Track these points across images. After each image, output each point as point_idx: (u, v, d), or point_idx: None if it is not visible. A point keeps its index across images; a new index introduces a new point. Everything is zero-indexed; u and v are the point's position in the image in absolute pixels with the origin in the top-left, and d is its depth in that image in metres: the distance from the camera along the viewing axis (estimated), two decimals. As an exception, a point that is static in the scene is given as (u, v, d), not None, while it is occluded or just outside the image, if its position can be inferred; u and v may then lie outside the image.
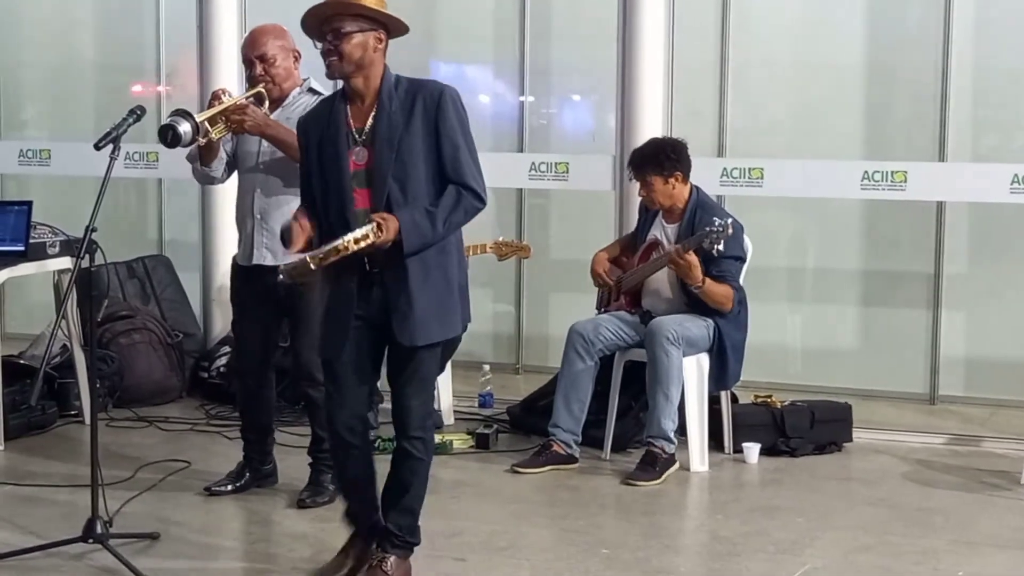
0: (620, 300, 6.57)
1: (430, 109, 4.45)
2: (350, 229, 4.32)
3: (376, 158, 4.45)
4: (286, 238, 4.57)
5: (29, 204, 6.81)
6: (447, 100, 4.46)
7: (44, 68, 8.89)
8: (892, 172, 6.93)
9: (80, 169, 6.58)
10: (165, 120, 5.34)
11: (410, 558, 4.72)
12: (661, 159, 6.40)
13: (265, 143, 5.60)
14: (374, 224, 4.30)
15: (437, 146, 4.44)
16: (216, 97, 5.56)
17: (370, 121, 4.48)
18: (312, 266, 4.28)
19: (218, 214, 7.49)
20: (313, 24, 4.45)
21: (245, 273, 5.79)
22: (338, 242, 4.27)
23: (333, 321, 4.60)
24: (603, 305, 6.67)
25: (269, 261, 5.64)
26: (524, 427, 6.91)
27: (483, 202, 4.51)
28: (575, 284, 7.34)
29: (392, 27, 4.50)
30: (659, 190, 6.40)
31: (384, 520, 4.71)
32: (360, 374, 4.61)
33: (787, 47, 7.83)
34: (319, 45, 4.46)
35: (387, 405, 4.87)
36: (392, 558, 4.64)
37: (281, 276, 4.42)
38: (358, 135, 4.50)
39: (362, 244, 4.28)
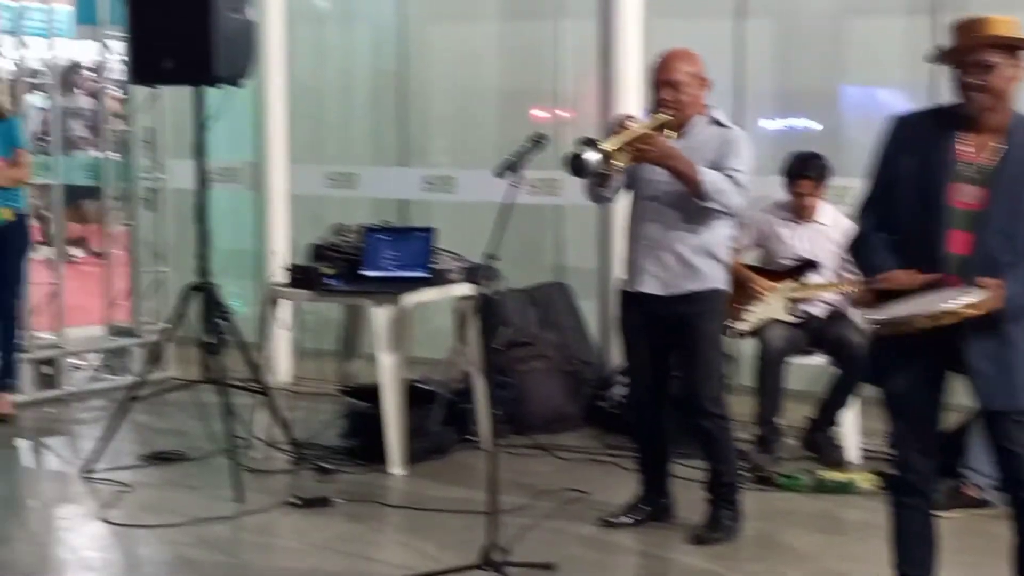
0: None
1: None
2: (936, 269, 4.14)
3: (993, 202, 4.16)
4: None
5: (432, 231, 7.06)
6: None
7: (449, 97, 9.19)
8: None
9: (482, 195, 6.76)
10: (572, 149, 5.35)
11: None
12: None
13: (664, 173, 5.55)
14: (984, 293, 4.05)
15: None
16: (621, 124, 5.55)
17: (993, 159, 4.18)
18: (917, 326, 4.07)
19: (617, 241, 7.51)
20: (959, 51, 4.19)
21: (632, 300, 5.79)
22: (948, 306, 4.03)
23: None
24: None
25: (657, 291, 5.65)
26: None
27: None
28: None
29: None
30: None
31: None
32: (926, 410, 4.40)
33: None
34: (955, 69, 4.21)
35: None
36: None
37: (876, 325, 4.29)
38: (971, 170, 4.20)
39: (968, 312, 4.04)
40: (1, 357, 7.80)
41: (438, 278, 6.95)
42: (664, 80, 5.58)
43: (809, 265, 6.92)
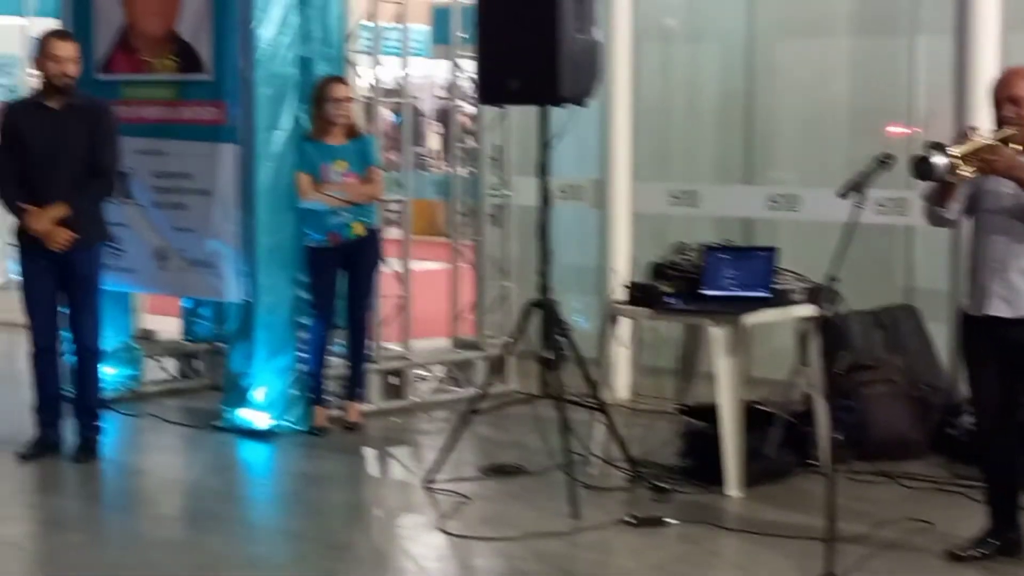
0: None
1: None
2: None
3: None
4: None
5: (775, 250, 7.00)
6: None
7: (797, 114, 9.10)
8: None
9: (828, 215, 6.66)
10: (919, 152, 5.28)
11: None
12: None
13: (1009, 189, 5.40)
14: None
15: None
16: (965, 134, 5.43)
17: None
18: None
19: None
20: None
21: (975, 324, 5.61)
22: None
23: None
24: None
25: (1005, 313, 5.46)
26: None
27: None
28: None
29: None
30: None
31: None
32: None
33: None
34: None
35: None
36: None
37: None
38: None
39: None
40: (351, 368, 8.14)
41: (780, 298, 6.89)
42: (1007, 96, 5.44)
43: None
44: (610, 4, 8.56)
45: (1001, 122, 5.46)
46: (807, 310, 6.87)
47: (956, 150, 5.29)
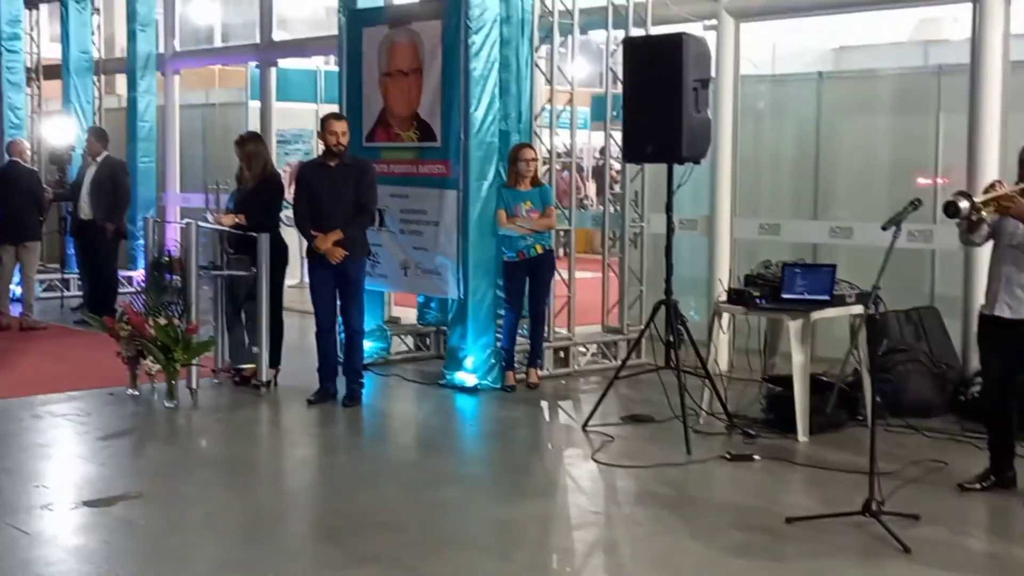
0: None
1: None
2: None
3: None
4: None
5: (834, 267, 6.88)
6: None
7: (851, 169, 8.88)
8: None
9: (874, 242, 6.49)
10: (951, 197, 5.17)
11: None
12: None
13: (1022, 226, 5.30)
14: None
15: None
16: (992, 187, 5.34)
17: None
18: None
19: (976, 277, 7.07)
20: None
21: (989, 321, 5.50)
22: None
23: None
24: None
25: (1008, 315, 5.37)
26: None
27: None
28: None
29: None
30: None
31: None
32: None
33: None
34: None
35: None
36: None
37: None
38: None
39: None
40: (532, 345, 8.18)
41: (837, 300, 6.77)
42: None
43: None
44: (719, 91, 8.47)
45: (1021, 178, 5.37)
46: (857, 309, 6.75)
47: (980, 197, 5.23)
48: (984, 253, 5.93)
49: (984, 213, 5.23)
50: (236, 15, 16.01)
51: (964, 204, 5.12)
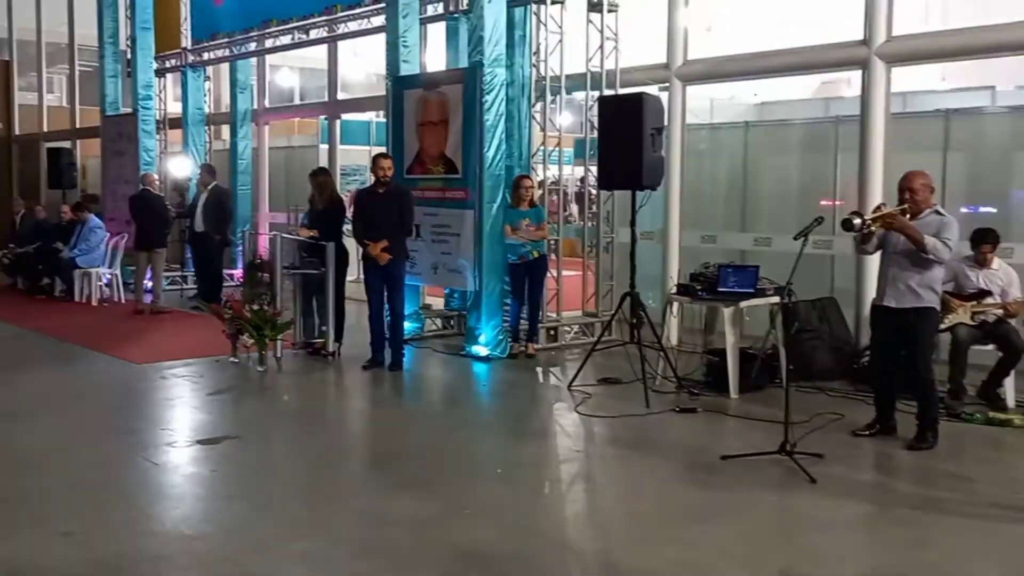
0: None
1: None
2: None
3: None
4: None
5: (757, 267, 6.77)
6: None
7: (771, 193, 8.75)
8: None
9: (788, 249, 6.36)
10: (846, 216, 5.09)
11: None
12: None
13: (903, 238, 5.16)
14: None
15: None
16: (878, 208, 5.23)
17: None
18: None
19: (866, 276, 6.96)
20: None
21: (878, 309, 5.38)
22: None
23: None
24: None
25: (892, 304, 5.23)
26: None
27: None
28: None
29: None
30: None
31: None
32: None
33: None
34: None
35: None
36: None
37: None
38: None
39: None
40: (530, 325, 8.08)
41: (760, 293, 6.65)
42: (904, 187, 5.22)
43: (985, 293, 6.14)
44: (671, 136, 8.35)
45: (900, 201, 5.25)
46: (775, 299, 6.60)
47: (868, 216, 5.14)
48: (871, 258, 5.81)
49: (873, 228, 5.15)
50: (311, 80, 15.99)
51: (857, 221, 5.04)
